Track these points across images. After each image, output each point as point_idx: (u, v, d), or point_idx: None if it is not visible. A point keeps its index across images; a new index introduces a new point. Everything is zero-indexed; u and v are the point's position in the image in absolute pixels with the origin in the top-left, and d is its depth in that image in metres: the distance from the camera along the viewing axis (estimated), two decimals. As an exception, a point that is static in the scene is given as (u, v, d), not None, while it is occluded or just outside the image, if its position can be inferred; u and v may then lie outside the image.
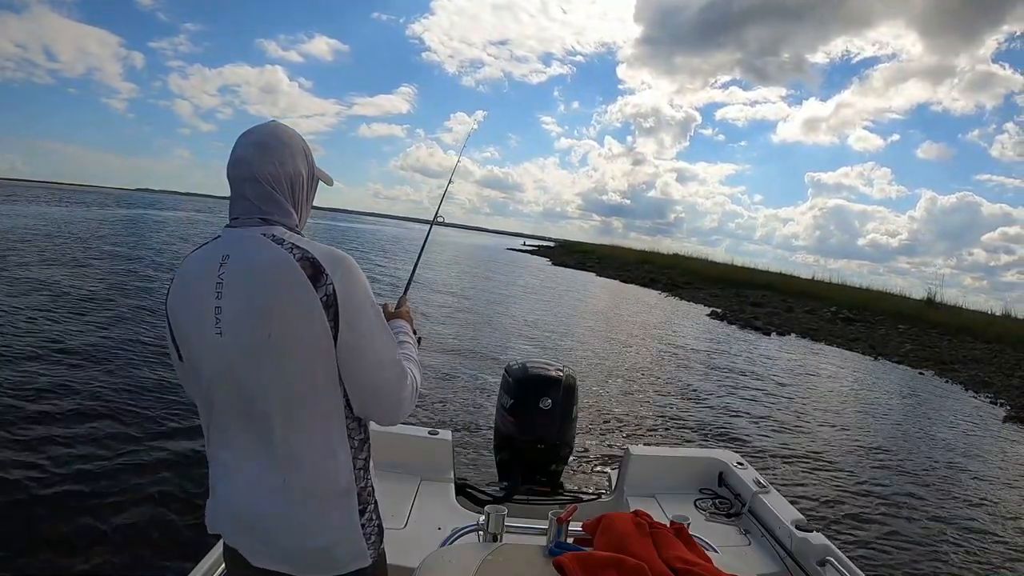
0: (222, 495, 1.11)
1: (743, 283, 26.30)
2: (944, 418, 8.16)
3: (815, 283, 27.43)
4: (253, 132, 1.13)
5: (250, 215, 1.09)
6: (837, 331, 15.57)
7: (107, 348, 5.85)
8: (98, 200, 56.01)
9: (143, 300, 8.61)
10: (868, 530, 4.09)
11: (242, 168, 1.09)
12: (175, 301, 1.10)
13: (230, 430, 1.09)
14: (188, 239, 20.11)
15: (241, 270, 1.04)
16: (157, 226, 26.67)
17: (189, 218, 37.50)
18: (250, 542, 1.10)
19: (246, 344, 1.03)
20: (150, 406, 4.46)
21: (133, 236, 19.67)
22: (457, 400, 5.78)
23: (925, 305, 21.41)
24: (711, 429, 5.96)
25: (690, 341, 11.39)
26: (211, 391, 1.08)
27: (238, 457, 1.09)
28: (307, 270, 1.03)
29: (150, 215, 36.42)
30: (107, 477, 3.36)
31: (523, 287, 20.33)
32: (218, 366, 1.06)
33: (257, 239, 1.07)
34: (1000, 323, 18.82)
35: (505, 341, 9.38)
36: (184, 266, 1.10)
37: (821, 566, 1.72)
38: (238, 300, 1.03)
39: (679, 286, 24.84)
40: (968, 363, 12.80)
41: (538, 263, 37.07)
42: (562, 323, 12.21)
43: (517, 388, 2.48)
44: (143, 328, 6.86)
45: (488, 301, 14.32)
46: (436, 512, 1.97)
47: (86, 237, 17.31)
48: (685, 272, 29.45)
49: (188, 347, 1.09)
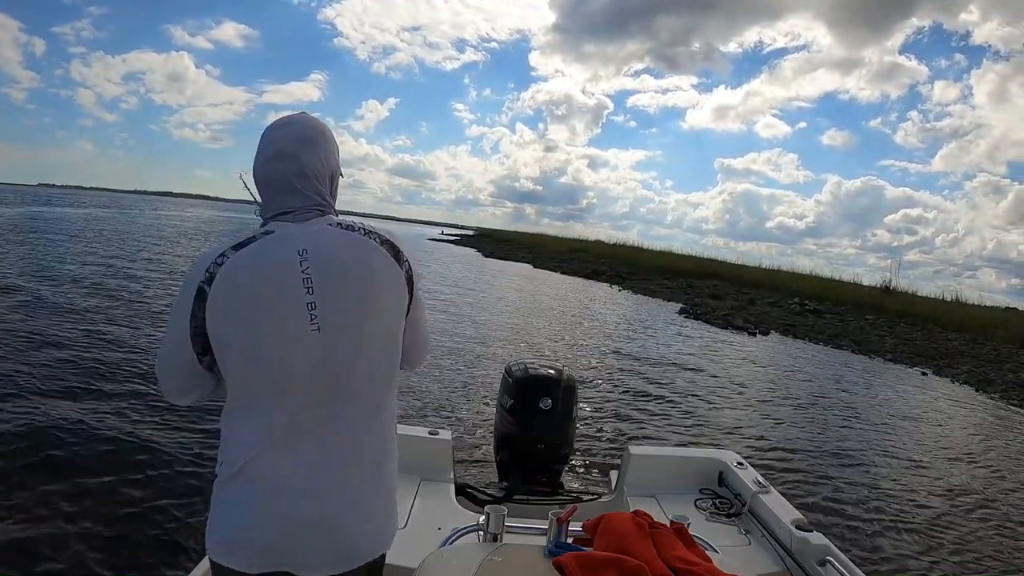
0: (277, 509, 1.02)
1: (688, 272, 25.67)
2: (957, 421, 8.10)
3: (761, 270, 27.29)
4: (291, 125, 1.11)
5: (306, 207, 1.07)
6: (813, 326, 15.37)
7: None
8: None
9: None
10: (868, 530, 4.08)
11: (290, 162, 1.07)
12: (232, 304, 1.00)
13: (312, 429, 1.03)
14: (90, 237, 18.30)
15: (329, 262, 1.02)
16: (54, 225, 23.02)
17: (90, 215, 33.19)
18: (314, 553, 1.03)
19: (349, 336, 1.03)
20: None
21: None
22: (457, 400, 5.78)
23: (882, 293, 21.51)
24: (711, 429, 5.97)
25: (675, 341, 11.25)
26: (292, 391, 1.02)
27: (322, 455, 1.03)
28: (390, 252, 1.08)
29: (44, 213, 31.09)
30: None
31: (476, 284, 19.26)
32: (312, 363, 1.01)
33: (330, 230, 1.06)
34: (957, 310, 19.04)
35: (491, 341, 9.36)
36: (234, 265, 1.00)
37: (821, 566, 1.72)
38: (336, 293, 1.02)
39: (624, 278, 23.89)
40: (955, 357, 12.78)
41: (468, 255, 35.53)
42: (536, 322, 12.01)
43: (517, 388, 2.48)
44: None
45: (456, 300, 13.82)
46: (436, 512, 1.97)
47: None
48: (625, 263, 28.70)
49: (260, 349, 1.01)
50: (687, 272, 25.75)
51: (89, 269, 11.41)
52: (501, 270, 26.55)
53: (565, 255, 33.00)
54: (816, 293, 20.73)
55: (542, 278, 24.29)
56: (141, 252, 15.91)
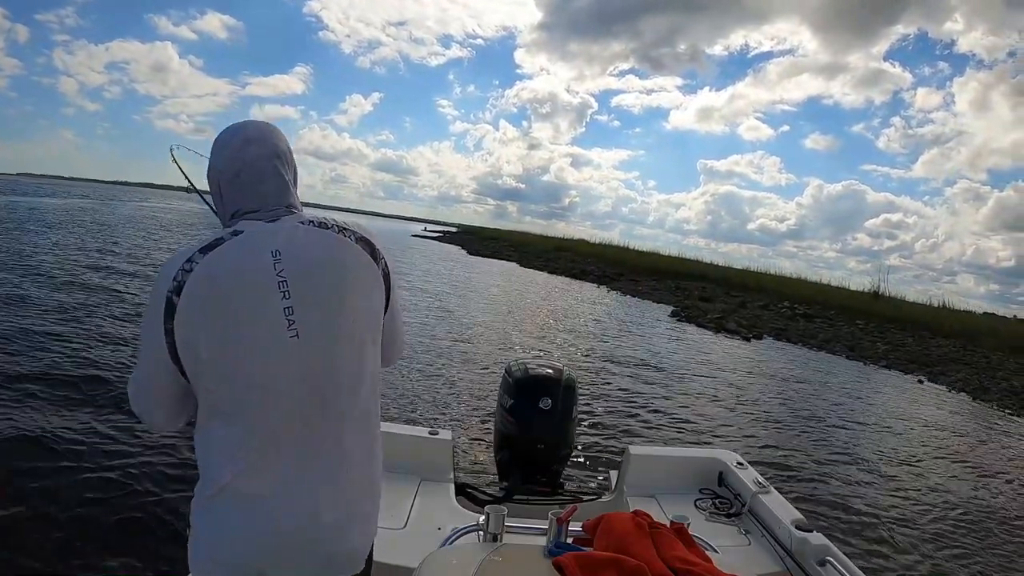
0: (264, 526, 0.97)
1: (675, 274, 25.59)
2: (956, 427, 8.08)
3: (748, 273, 27.15)
4: (247, 122, 1.07)
5: (276, 205, 1.02)
6: (804, 330, 15.33)
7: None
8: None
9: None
10: (868, 530, 4.09)
11: (263, 146, 1.03)
12: (204, 314, 0.93)
13: (296, 441, 0.98)
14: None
15: (305, 263, 0.97)
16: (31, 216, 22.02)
17: (73, 206, 32.05)
18: (303, 567, 0.99)
19: (329, 340, 0.98)
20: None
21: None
22: (457, 400, 5.78)
23: (872, 298, 21.46)
24: (710, 430, 5.97)
25: (670, 344, 11.23)
26: (273, 401, 0.96)
27: (307, 466, 0.99)
28: (366, 249, 1.04)
29: (22, 203, 29.85)
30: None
31: (468, 283, 19.29)
32: (292, 371, 0.96)
33: (303, 228, 1.00)
34: (946, 316, 19.05)
35: (489, 342, 9.36)
36: (204, 271, 0.93)
37: (821, 566, 1.72)
38: (313, 296, 0.97)
39: (612, 278, 23.61)
40: (948, 363, 12.78)
41: (454, 252, 35.23)
42: (531, 323, 11.98)
43: (517, 388, 2.48)
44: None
45: (451, 300, 13.80)
46: (436, 512, 1.97)
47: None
48: (612, 263, 28.50)
49: (238, 361, 0.95)
50: (675, 273, 25.68)
51: (63, 259, 11.21)
52: (489, 269, 26.37)
53: (551, 254, 32.84)
54: (805, 297, 20.70)
55: (530, 277, 24.15)
56: (119, 244, 15.61)
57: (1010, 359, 13.54)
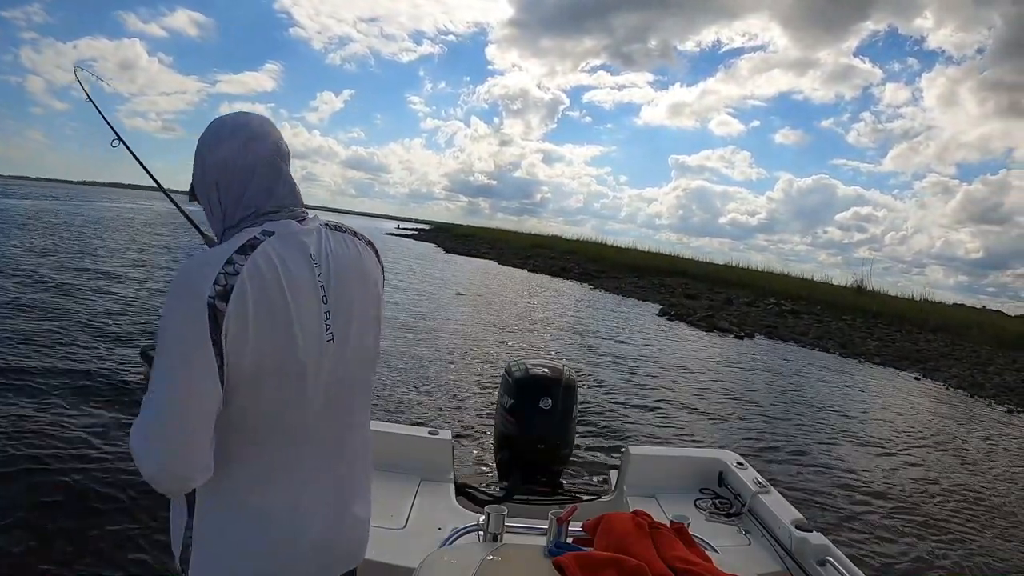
0: (282, 535, 0.93)
1: (656, 270, 25.30)
2: (956, 425, 8.08)
3: (730, 268, 27.00)
4: (248, 120, 0.98)
5: (293, 205, 0.99)
6: (795, 327, 15.26)
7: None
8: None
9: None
10: (868, 530, 4.09)
11: (269, 143, 0.97)
12: (257, 316, 0.84)
13: (318, 448, 0.96)
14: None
15: (336, 269, 0.95)
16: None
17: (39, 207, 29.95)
18: (311, 572, 0.98)
19: (352, 348, 0.97)
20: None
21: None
22: (457, 400, 5.78)
23: (856, 293, 21.47)
24: (710, 429, 5.97)
25: (664, 343, 11.16)
26: (300, 412, 0.92)
27: (316, 478, 0.97)
28: (374, 252, 1.06)
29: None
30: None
31: (449, 280, 18.91)
32: (322, 379, 0.93)
33: (326, 232, 0.99)
34: (929, 310, 19.12)
35: (487, 342, 9.34)
36: (251, 274, 0.85)
37: (821, 566, 1.72)
38: (344, 300, 0.96)
39: (593, 275, 23.15)
40: (940, 359, 12.80)
41: (430, 250, 34.48)
42: (521, 323, 11.82)
43: (517, 388, 2.48)
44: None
45: (444, 299, 13.69)
46: (436, 512, 1.97)
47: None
48: (591, 259, 28.10)
49: (281, 369, 0.88)
50: (655, 270, 25.33)
51: (34, 260, 10.88)
52: (469, 267, 25.98)
53: (528, 251, 32.25)
54: (790, 292, 20.57)
55: (510, 275, 23.80)
56: (90, 245, 15.15)
57: (998, 353, 13.62)
